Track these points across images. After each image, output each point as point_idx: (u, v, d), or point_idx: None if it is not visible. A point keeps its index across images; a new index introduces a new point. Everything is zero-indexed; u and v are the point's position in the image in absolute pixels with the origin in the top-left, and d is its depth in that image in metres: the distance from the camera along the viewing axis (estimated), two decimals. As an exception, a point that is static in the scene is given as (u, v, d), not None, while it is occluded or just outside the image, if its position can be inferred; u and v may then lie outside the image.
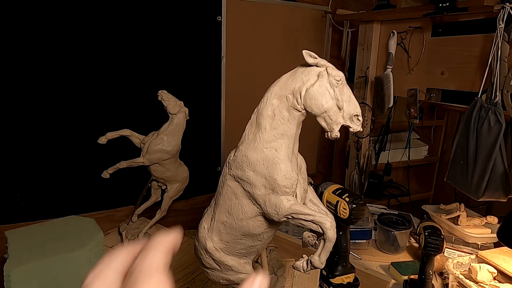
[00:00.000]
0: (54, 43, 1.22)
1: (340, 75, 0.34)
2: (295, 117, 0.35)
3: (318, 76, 0.34)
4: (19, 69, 1.19)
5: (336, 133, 0.34)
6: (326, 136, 0.35)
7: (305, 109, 0.34)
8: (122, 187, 1.42)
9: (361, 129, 0.35)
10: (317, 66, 0.34)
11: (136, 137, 1.15)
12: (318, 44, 1.83)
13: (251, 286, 0.23)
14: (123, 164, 1.13)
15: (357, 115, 0.34)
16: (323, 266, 0.44)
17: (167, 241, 0.24)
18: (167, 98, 1.12)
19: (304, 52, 0.33)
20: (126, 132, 1.14)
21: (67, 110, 1.29)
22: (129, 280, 0.22)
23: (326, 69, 0.34)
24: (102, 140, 1.09)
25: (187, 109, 1.16)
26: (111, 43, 1.32)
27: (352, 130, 0.34)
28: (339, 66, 1.83)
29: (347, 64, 1.84)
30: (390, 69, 1.54)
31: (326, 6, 1.79)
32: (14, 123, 1.22)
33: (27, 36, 1.18)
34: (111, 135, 1.10)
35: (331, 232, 0.42)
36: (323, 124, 0.34)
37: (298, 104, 0.34)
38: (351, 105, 0.34)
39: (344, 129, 0.35)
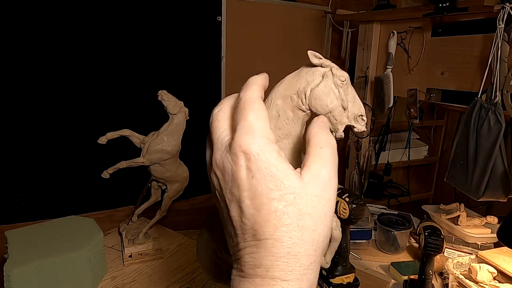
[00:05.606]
0: (54, 43, 1.22)
1: (345, 75, 0.34)
2: (300, 117, 0.35)
3: (323, 77, 0.34)
4: (19, 69, 1.19)
5: (340, 133, 0.34)
6: None
7: (310, 109, 0.34)
8: (122, 187, 1.42)
9: (366, 129, 0.35)
10: (322, 66, 0.34)
11: (136, 137, 1.15)
12: (318, 44, 1.83)
13: None
14: (123, 164, 1.12)
15: (361, 115, 0.34)
16: (328, 266, 0.45)
17: (261, 79, 0.31)
18: (167, 98, 1.11)
19: (309, 52, 0.33)
20: (126, 132, 1.13)
21: (67, 110, 1.29)
22: (237, 108, 0.28)
23: (331, 70, 0.34)
24: (102, 140, 1.08)
25: (187, 109, 1.15)
26: (111, 43, 1.32)
27: (357, 130, 0.34)
28: (339, 66, 1.81)
29: (347, 64, 1.84)
30: (390, 69, 1.54)
31: (326, 6, 1.79)
32: (14, 123, 1.22)
33: (27, 36, 1.18)
34: (111, 135, 1.10)
35: (337, 232, 0.42)
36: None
37: (303, 105, 0.34)
38: (356, 105, 0.34)
39: (344, 129, 0.36)
